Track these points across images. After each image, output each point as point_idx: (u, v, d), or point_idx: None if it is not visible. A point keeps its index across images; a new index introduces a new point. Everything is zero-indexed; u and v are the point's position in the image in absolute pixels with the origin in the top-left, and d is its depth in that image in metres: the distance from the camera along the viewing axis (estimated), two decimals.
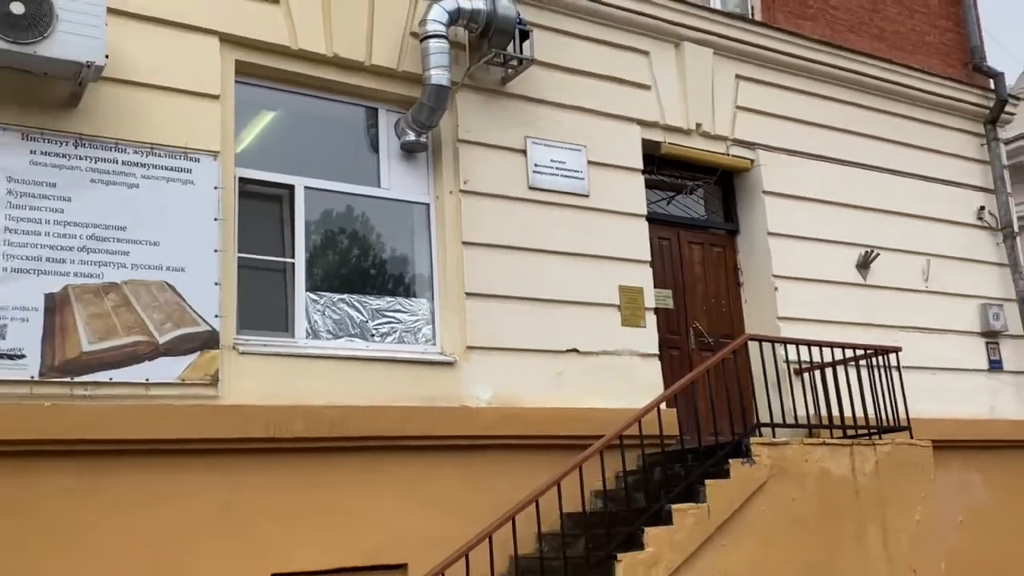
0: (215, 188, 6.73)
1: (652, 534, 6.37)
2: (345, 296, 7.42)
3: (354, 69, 7.53)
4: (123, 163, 6.43)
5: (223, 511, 6.29)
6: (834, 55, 10.24)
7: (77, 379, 6.01)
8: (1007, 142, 11.90)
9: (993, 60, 11.44)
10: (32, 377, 5.87)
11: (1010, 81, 11.91)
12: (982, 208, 11.08)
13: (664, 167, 9.20)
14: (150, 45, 6.61)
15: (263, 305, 7.09)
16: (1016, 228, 11.22)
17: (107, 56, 6.03)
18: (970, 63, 11.39)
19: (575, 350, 7.95)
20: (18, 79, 6.02)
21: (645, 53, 9.06)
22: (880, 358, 8.07)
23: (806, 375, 8.32)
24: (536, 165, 8.17)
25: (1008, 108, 11.42)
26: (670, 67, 9.20)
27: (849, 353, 8.12)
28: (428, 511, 6.82)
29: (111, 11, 6.11)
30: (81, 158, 6.30)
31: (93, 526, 5.87)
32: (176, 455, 6.19)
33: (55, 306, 6.05)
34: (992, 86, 11.32)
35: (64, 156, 6.24)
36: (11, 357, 5.83)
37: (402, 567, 6.81)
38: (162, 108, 6.63)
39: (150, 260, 6.42)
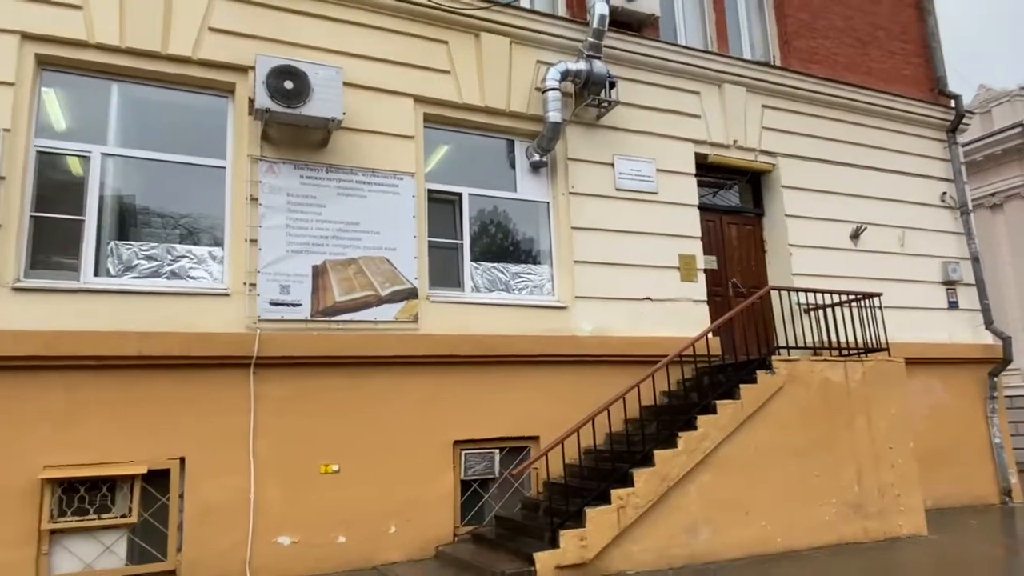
0: (412, 196, 7.00)
1: (702, 420, 6.42)
2: (495, 264, 7.58)
3: (499, 114, 7.64)
4: (356, 182, 6.77)
5: (420, 400, 6.63)
6: (834, 87, 9.73)
7: (332, 319, 6.44)
8: (964, 145, 11.21)
9: (953, 85, 10.71)
10: (306, 317, 6.33)
11: (967, 100, 11.13)
12: (944, 193, 10.40)
13: (710, 171, 8.99)
14: (369, 104, 6.90)
15: (443, 271, 7.28)
16: (970, 207, 10.54)
17: (344, 113, 6.38)
18: (936, 89, 10.65)
19: (648, 298, 7.94)
20: (290, 130, 6.43)
21: (696, 93, 8.84)
22: (867, 300, 7.78)
23: (812, 314, 8.10)
24: (620, 173, 8.14)
25: (964, 120, 10.74)
26: (714, 101, 8.96)
27: (844, 297, 7.86)
28: (551, 403, 6.99)
29: (346, 84, 6.43)
30: (330, 179, 6.67)
31: (349, 406, 6.35)
32: (394, 366, 6.57)
33: (318, 273, 6.46)
34: (952, 105, 10.60)
35: (320, 178, 6.63)
36: (293, 305, 6.33)
37: (535, 438, 7.05)
38: (379, 145, 6.91)
39: (374, 243, 6.75)
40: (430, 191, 7.29)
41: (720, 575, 5.81)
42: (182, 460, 5.74)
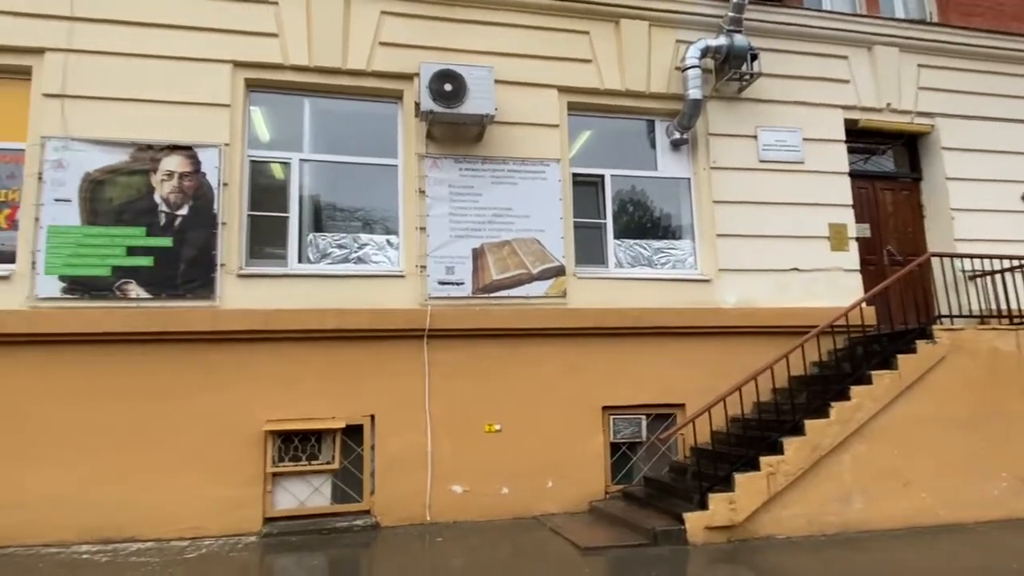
0: (558, 181, 6.93)
1: (856, 390, 5.85)
2: (637, 241, 7.34)
3: (639, 96, 7.34)
4: (508, 170, 6.82)
5: (570, 368, 6.62)
6: (1000, 39, 8.31)
7: (490, 295, 6.58)
8: None
9: None
10: (468, 295, 6.52)
11: None
12: None
13: (861, 136, 8.06)
14: (518, 98, 6.88)
15: (588, 249, 7.15)
16: None
17: (496, 108, 6.44)
18: None
19: (796, 268, 7.33)
20: (450, 128, 6.58)
21: (844, 57, 7.93)
22: None
23: (978, 281, 7.07)
24: (764, 145, 7.51)
25: None
26: (864, 64, 7.99)
27: (1016, 263, 6.77)
28: (695, 373, 6.69)
29: (497, 81, 6.47)
30: (485, 170, 6.78)
31: (508, 373, 6.47)
32: (545, 337, 6.60)
33: (477, 255, 6.61)
34: None
35: (476, 169, 6.75)
36: (457, 284, 6.54)
37: (681, 406, 6.81)
38: (527, 135, 6.90)
39: (525, 226, 6.77)
40: (574, 175, 7.17)
41: (879, 544, 5.30)
42: (372, 417, 6.18)
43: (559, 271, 6.77)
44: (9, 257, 5.78)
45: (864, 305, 6.54)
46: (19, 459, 5.43)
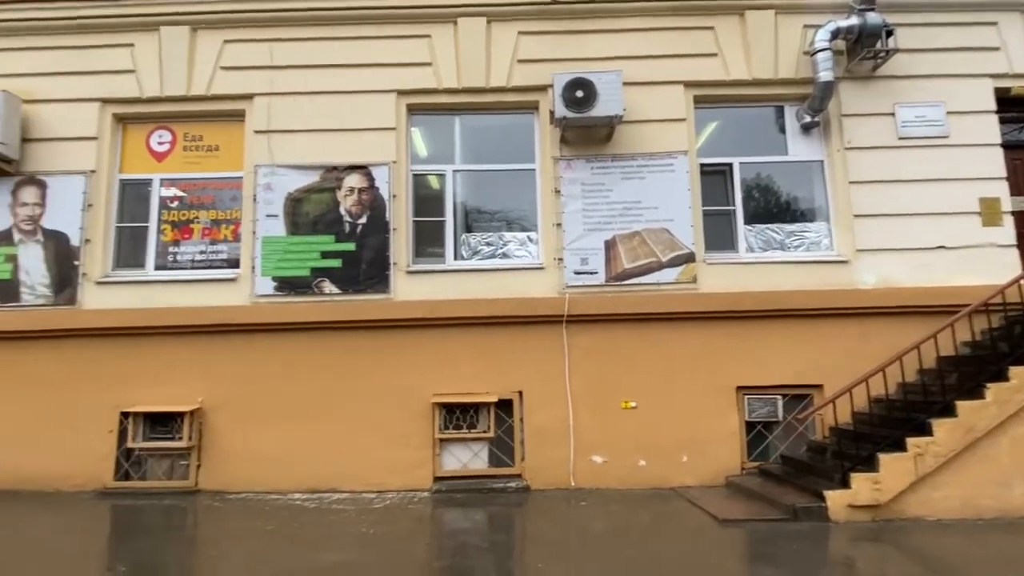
0: (686, 172, 6.84)
1: (1016, 371, 5.23)
2: (768, 225, 7.04)
3: (766, 83, 7.03)
4: (637, 166, 6.85)
5: (702, 350, 6.52)
6: None
7: (623, 283, 6.68)
8: None
9: None
10: (601, 283, 6.66)
11: None
12: None
13: (1015, 105, 7.11)
14: (645, 97, 6.87)
15: (718, 235, 6.97)
16: None
17: (624, 109, 6.51)
18: None
19: (942, 247, 6.65)
20: (582, 131, 6.73)
21: (993, 23, 7.03)
22: None
23: None
24: (903, 122, 6.88)
25: None
26: (1016, 29, 7.03)
27: None
28: (833, 354, 6.34)
29: (624, 83, 6.52)
30: (615, 167, 6.86)
31: (641, 354, 6.53)
32: (676, 320, 6.56)
33: (609, 246, 6.73)
34: None
35: (607, 167, 6.86)
36: (591, 273, 6.70)
37: (819, 386, 6.46)
38: (655, 131, 6.88)
39: (654, 217, 6.76)
40: (702, 165, 7.03)
41: None
42: (520, 393, 6.55)
43: (688, 258, 6.71)
44: (235, 263, 6.85)
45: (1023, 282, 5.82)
46: (250, 422, 6.43)
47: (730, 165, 7.12)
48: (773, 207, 7.18)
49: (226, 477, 6.32)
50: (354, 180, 6.79)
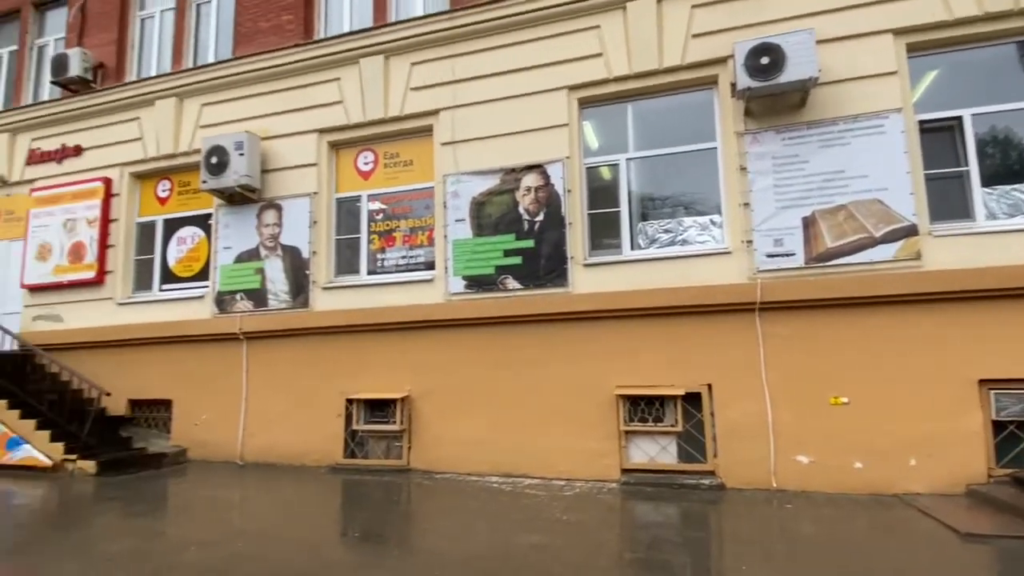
0: (901, 132, 5.94)
1: None
2: (1016, 186, 5.85)
3: (1004, 17, 5.82)
4: (838, 131, 6.12)
5: (930, 338, 5.65)
6: None
7: (826, 264, 6.01)
8: None
9: None
10: (800, 265, 6.06)
11: None
12: None
13: None
14: (844, 54, 6.13)
15: (946, 203, 5.96)
16: None
17: (819, 70, 5.87)
18: None
19: None
20: (769, 100, 6.17)
21: None
22: None
23: None
24: None
25: None
26: None
27: None
28: None
29: (817, 42, 5.89)
30: (811, 135, 6.20)
31: (851, 344, 5.83)
32: (896, 304, 5.75)
33: (807, 224, 6.10)
34: None
35: (801, 137, 6.22)
36: (787, 255, 6.14)
37: None
38: (858, 90, 6.08)
39: (862, 187, 5.99)
40: (921, 122, 6.05)
41: None
42: (709, 386, 6.24)
43: (909, 231, 5.81)
44: (431, 265, 7.51)
45: None
46: (449, 409, 7.01)
47: (958, 119, 6.03)
48: (1016, 164, 5.92)
49: (432, 458, 6.97)
50: (531, 179, 7.02)
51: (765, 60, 5.87)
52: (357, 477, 6.84)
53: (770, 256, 6.16)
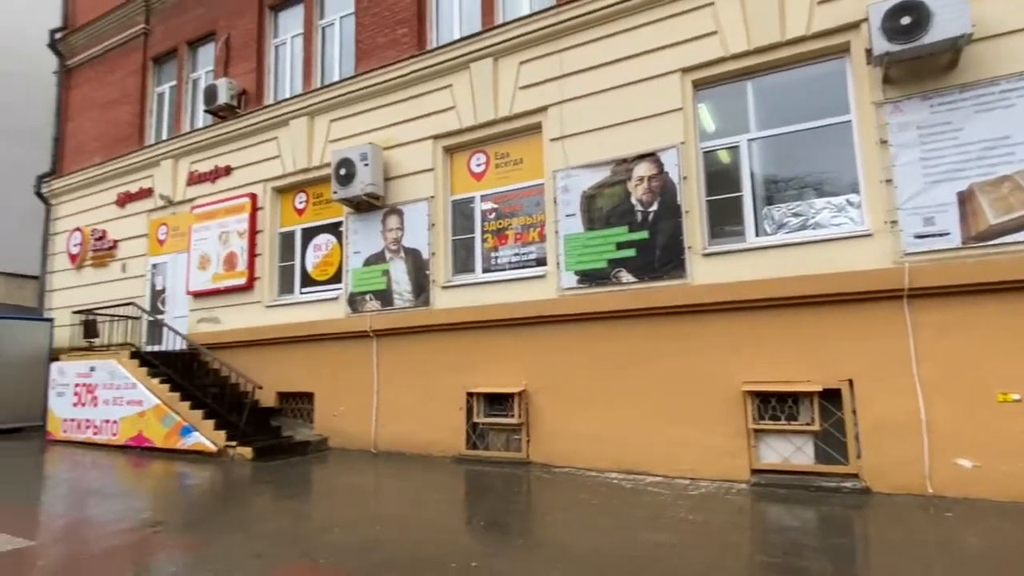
0: None
1: None
2: None
3: None
4: (999, 92, 5.36)
5: None
6: None
7: (988, 244, 5.32)
8: None
9: None
10: (955, 246, 5.43)
11: None
12: None
13: None
14: (999, 4, 5.37)
15: None
16: None
17: (973, 25, 5.19)
18: None
19: None
20: (911, 64, 5.57)
21: None
22: None
23: None
24: None
25: None
26: None
27: None
28: None
29: None
30: (964, 99, 5.49)
31: (1018, 334, 5.18)
32: None
33: (963, 199, 5.44)
34: None
35: (952, 102, 5.54)
36: (940, 235, 5.50)
37: None
38: (1020, 45, 5.34)
39: None
40: None
41: None
42: (850, 381, 5.73)
43: None
44: (543, 261, 7.58)
45: None
46: (565, 403, 7.05)
47: None
48: None
49: (550, 452, 7.04)
50: (643, 169, 6.86)
51: (906, 20, 5.28)
52: (479, 468, 7.08)
53: (920, 237, 5.54)
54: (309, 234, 9.80)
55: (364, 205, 8.78)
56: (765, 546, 4.38)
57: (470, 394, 7.66)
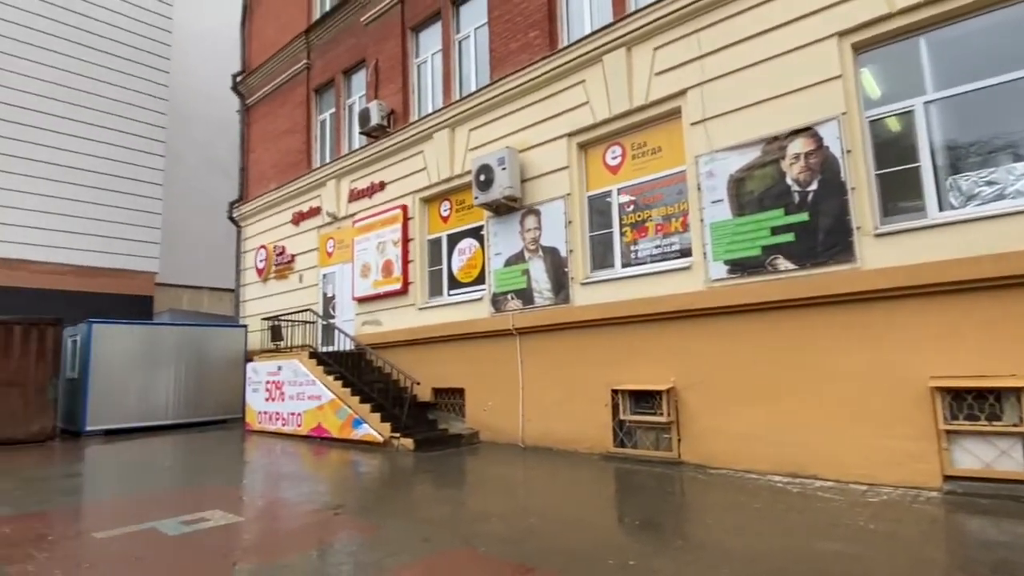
0: None
1: None
2: None
3: None
4: None
5: None
6: None
7: None
8: None
9: None
10: None
11: None
12: None
13: None
14: None
15: None
16: None
17: None
18: None
19: None
20: None
21: None
22: None
23: None
24: None
25: None
26: None
27: None
28: None
29: None
30: None
31: None
32: None
33: None
34: None
35: None
36: None
37: None
38: None
39: None
40: None
41: None
42: None
43: None
44: (687, 252, 7.29)
45: None
46: (719, 401, 6.71)
47: None
48: None
49: (704, 452, 6.75)
50: (798, 145, 6.32)
51: None
52: (628, 466, 6.98)
53: None
54: (454, 239, 10.33)
55: (503, 208, 9.07)
56: (968, 563, 3.83)
57: (615, 391, 7.59)
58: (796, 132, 6.33)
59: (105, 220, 17.88)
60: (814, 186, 6.19)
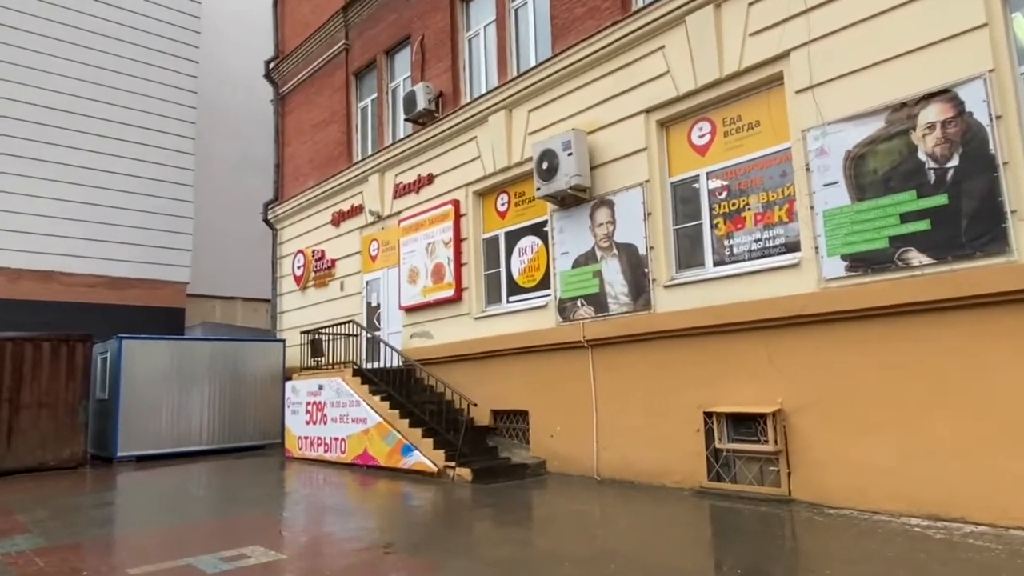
0: None
1: None
2: None
3: None
4: None
5: None
6: None
7: None
8: None
9: None
10: None
11: None
12: None
13: None
14: None
15: None
16: None
17: None
18: None
19: None
20: None
21: None
22: None
23: None
24: None
25: None
26: None
27: None
28: None
29: None
30: None
31: None
32: None
33: None
34: None
35: None
36: None
37: None
38: None
39: None
40: None
41: None
42: None
43: None
44: (795, 246, 7.01)
45: None
46: (840, 426, 6.39)
47: None
48: None
49: (821, 488, 6.44)
50: (932, 112, 5.94)
51: None
52: (726, 504, 6.76)
53: None
54: (513, 238, 10.36)
55: (569, 200, 9.01)
56: None
57: (708, 414, 7.37)
58: (930, 96, 5.96)
59: (134, 226, 18.94)
60: (954, 161, 5.80)
